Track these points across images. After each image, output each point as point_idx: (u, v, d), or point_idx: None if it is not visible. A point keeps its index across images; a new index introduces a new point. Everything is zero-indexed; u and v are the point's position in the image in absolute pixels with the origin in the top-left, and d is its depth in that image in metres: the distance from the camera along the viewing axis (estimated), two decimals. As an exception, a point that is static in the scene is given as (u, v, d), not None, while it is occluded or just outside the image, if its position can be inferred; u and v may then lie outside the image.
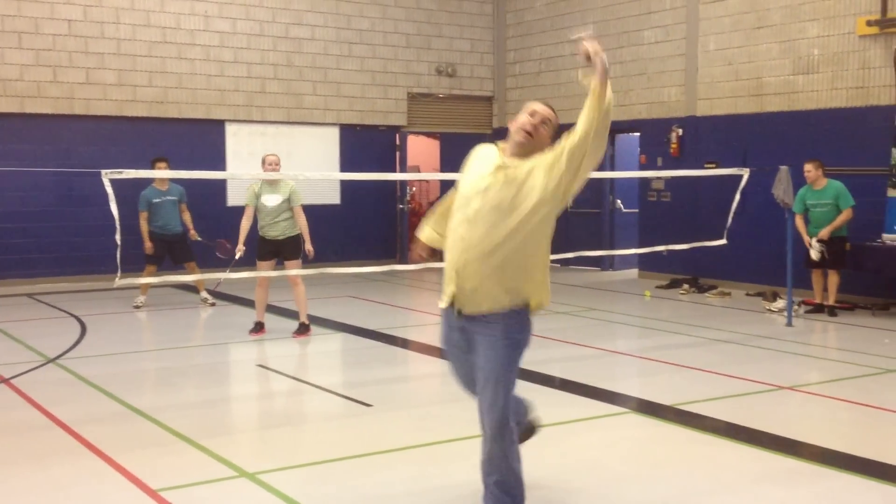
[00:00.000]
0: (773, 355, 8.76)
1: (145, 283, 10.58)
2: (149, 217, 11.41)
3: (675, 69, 14.06)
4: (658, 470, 5.41)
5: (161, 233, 11.42)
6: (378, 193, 16.16)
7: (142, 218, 11.37)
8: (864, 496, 5.01)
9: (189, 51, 14.51)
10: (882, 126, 11.43)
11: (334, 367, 9.03)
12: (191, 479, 5.18)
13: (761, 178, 11.06)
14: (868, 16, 11.52)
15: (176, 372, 8.31)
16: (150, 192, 11.43)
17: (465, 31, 17.02)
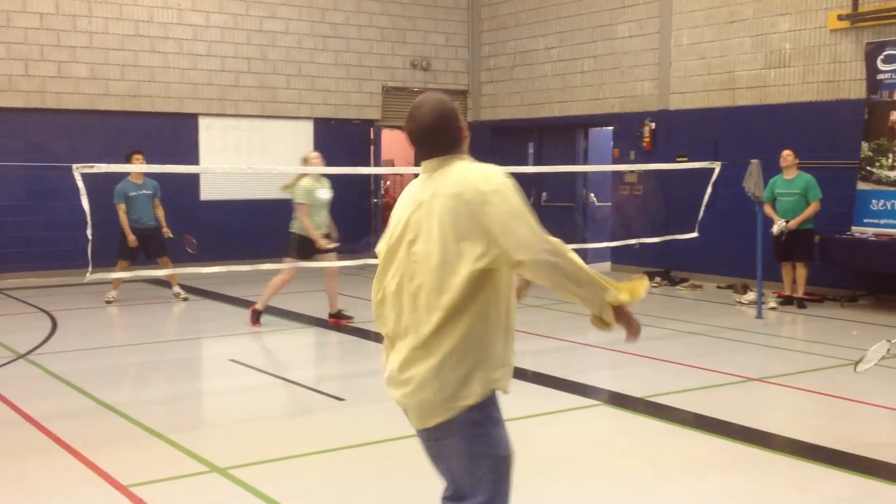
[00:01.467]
0: (743, 347, 8.85)
1: (117, 277, 10.52)
2: (125, 210, 11.33)
3: (649, 63, 14.13)
4: (628, 461, 5.46)
5: (135, 226, 11.34)
6: (352, 187, 16.11)
7: (120, 211, 11.26)
8: (832, 485, 5.08)
9: (162, 44, 14.41)
10: (852, 120, 11.54)
11: (307, 361, 9.02)
12: (162, 475, 5.17)
13: (732, 171, 11.14)
14: (839, 10, 11.63)
15: (148, 367, 8.28)
16: (126, 186, 11.35)
17: (439, 24, 17.01)
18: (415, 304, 2.98)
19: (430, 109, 3.04)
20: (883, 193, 11.17)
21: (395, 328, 3.08)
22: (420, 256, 2.96)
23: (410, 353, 3.00)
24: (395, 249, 3.06)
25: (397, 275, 3.04)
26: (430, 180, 3.02)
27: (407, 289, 3.00)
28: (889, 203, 11.11)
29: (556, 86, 15.56)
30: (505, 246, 2.87)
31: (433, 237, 2.93)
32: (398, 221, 3.07)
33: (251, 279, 12.91)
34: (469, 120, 17.32)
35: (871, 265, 10.91)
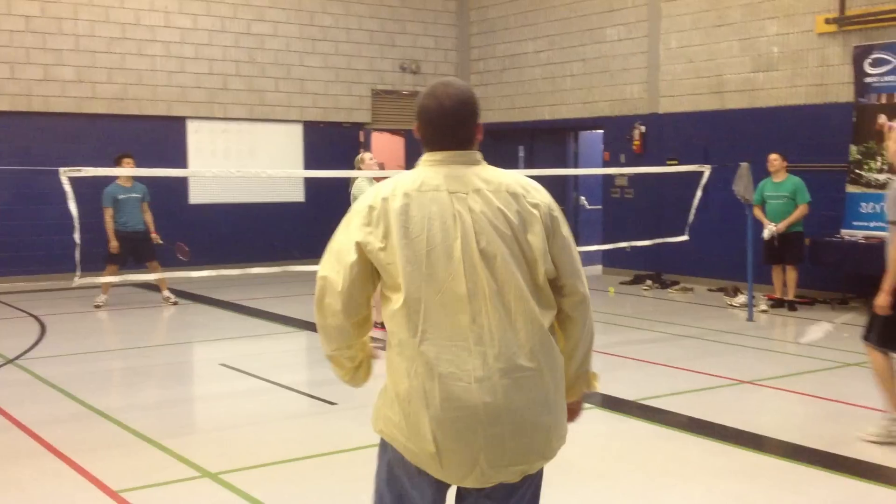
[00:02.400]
0: (735, 350, 8.86)
1: (106, 282, 10.45)
2: (113, 215, 11.26)
3: (638, 67, 14.15)
4: (621, 464, 5.45)
5: (124, 230, 11.27)
6: (343, 191, 15.93)
7: (107, 215, 11.21)
8: (825, 488, 5.08)
9: (149, 47, 14.34)
10: (840, 123, 11.58)
11: (298, 365, 8.98)
12: (153, 480, 5.13)
13: (722, 174, 11.16)
14: (826, 14, 11.67)
15: (138, 372, 8.23)
16: (115, 189, 11.28)
17: (428, 28, 17.00)
18: (520, 318, 2.58)
19: (459, 93, 2.71)
20: (872, 196, 11.20)
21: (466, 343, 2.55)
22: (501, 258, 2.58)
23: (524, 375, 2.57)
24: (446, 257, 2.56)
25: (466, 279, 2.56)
26: (462, 172, 2.65)
27: (494, 293, 2.56)
28: (878, 206, 11.11)
29: (547, 89, 15.57)
30: (562, 265, 2.66)
31: (505, 237, 2.59)
32: (431, 223, 2.57)
33: (241, 283, 12.87)
34: (458, 123, 17.28)
35: (860, 268, 10.92)
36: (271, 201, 15.42)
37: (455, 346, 2.53)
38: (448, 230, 2.56)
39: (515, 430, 2.55)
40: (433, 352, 2.54)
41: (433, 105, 2.70)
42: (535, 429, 2.59)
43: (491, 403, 2.52)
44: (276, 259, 13.56)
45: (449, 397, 2.52)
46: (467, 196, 2.60)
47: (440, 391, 2.52)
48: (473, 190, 2.62)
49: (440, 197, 2.60)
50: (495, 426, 2.53)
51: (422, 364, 2.54)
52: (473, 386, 2.52)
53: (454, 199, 2.59)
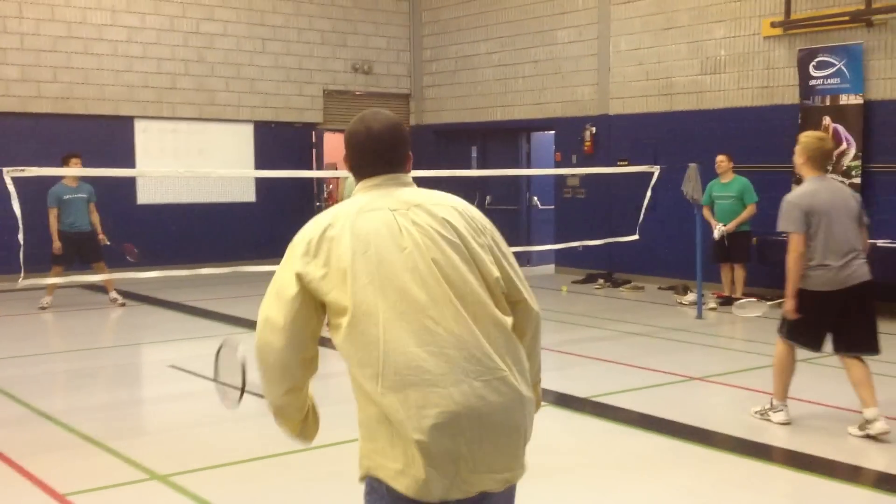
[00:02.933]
0: (684, 347, 8.97)
1: (51, 283, 10.27)
2: (58, 215, 11.06)
3: (588, 69, 14.27)
4: (574, 460, 5.49)
5: (70, 231, 11.06)
6: (294, 191, 15.99)
7: (51, 215, 10.99)
8: (772, 482, 5.17)
9: (96, 46, 14.12)
10: (786, 124, 11.78)
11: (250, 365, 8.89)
12: (100, 483, 5.06)
13: (671, 175, 11.30)
14: (772, 17, 11.88)
15: (84, 374, 8.09)
16: (61, 189, 11.08)
17: (380, 28, 16.97)
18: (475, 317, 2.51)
19: (388, 118, 2.70)
20: (816, 196, 11.42)
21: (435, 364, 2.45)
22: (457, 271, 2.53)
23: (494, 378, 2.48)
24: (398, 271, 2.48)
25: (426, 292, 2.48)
26: (395, 192, 2.62)
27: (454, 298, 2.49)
28: (822, 205, 11.36)
29: (499, 90, 15.63)
30: (511, 280, 2.63)
31: (455, 245, 2.55)
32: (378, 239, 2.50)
33: (190, 284, 12.72)
34: (412, 123, 17.32)
35: (805, 266, 11.12)
36: (221, 202, 15.26)
37: (423, 352, 2.43)
38: (397, 243, 2.50)
39: (496, 433, 2.47)
40: (402, 361, 2.42)
41: (362, 130, 2.67)
42: (513, 431, 2.51)
43: (471, 407, 2.42)
44: (225, 259, 13.43)
45: (426, 405, 2.39)
46: (408, 211, 2.56)
47: (415, 401, 2.39)
48: (414, 205, 2.58)
49: (383, 215, 2.55)
50: (475, 430, 2.43)
51: (390, 377, 2.42)
52: (451, 390, 2.41)
53: (396, 215, 2.55)
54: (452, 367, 2.42)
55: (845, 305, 5.84)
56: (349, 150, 2.70)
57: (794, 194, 6.00)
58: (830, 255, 5.78)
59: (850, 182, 11.09)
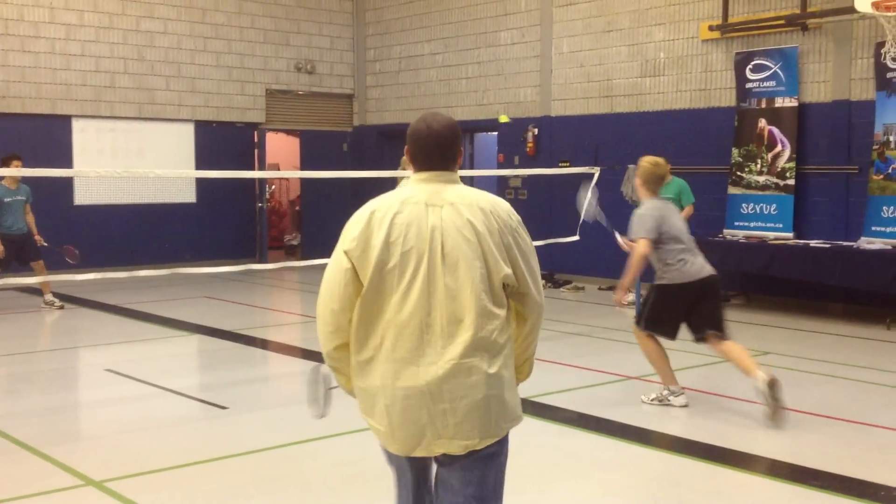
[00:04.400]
0: (623, 347, 9.09)
1: None
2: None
3: (531, 70, 14.38)
4: (511, 460, 5.52)
5: (9, 233, 10.79)
6: (236, 191, 15.86)
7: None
8: (705, 479, 5.27)
9: (33, 43, 13.86)
10: (723, 126, 12.02)
11: (188, 369, 8.82)
12: (34, 489, 4.98)
13: (611, 176, 11.44)
14: (710, 21, 12.09)
15: (18, 378, 7.94)
16: (1, 191, 10.83)
17: (324, 28, 16.90)
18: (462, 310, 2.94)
19: (446, 119, 3.12)
20: (752, 197, 11.67)
21: (421, 334, 2.93)
22: (462, 265, 2.95)
23: (471, 362, 2.93)
24: (416, 257, 2.94)
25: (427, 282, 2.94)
26: (441, 189, 3.04)
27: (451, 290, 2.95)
28: (758, 206, 11.61)
29: (442, 91, 15.67)
30: (523, 277, 3.05)
31: (470, 243, 2.96)
32: (414, 222, 2.96)
33: (128, 286, 12.55)
34: (355, 124, 17.29)
35: (742, 266, 11.36)
36: (161, 202, 15.08)
37: (411, 335, 2.91)
38: (422, 235, 2.94)
39: (458, 408, 2.91)
40: (391, 338, 2.93)
41: (424, 128, 3.09)
42: (477, 409, 2.93)
43: (435, 385, 2.90)
44: (164, 261, 13.28)
45: (400, 377, 2.91)
46: (441, 208, 2.99)
47: (393, 373, 2.92)
48: (448, 203, 3.00)
49: (419, 210, 2.98)
50: (438, 404, 2.90)
51: (382, 348, 2.94)
52: (421, 370, 2.90)
53: (430, 209, 2.98)
54: (433, 349, 2.92)
55: (697, 295, 6.73)
56: (411, 144, 3.12)
57: (646, 207, 6.84)
58: (687, 253, 6.74)
59: (785, 183, 11.36)
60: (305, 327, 10.65)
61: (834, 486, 5.07)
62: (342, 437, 5.98)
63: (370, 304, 2.96)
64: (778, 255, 10.72)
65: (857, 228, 10.75)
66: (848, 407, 6.77)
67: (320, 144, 16.81)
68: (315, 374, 3.41)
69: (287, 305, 12.85)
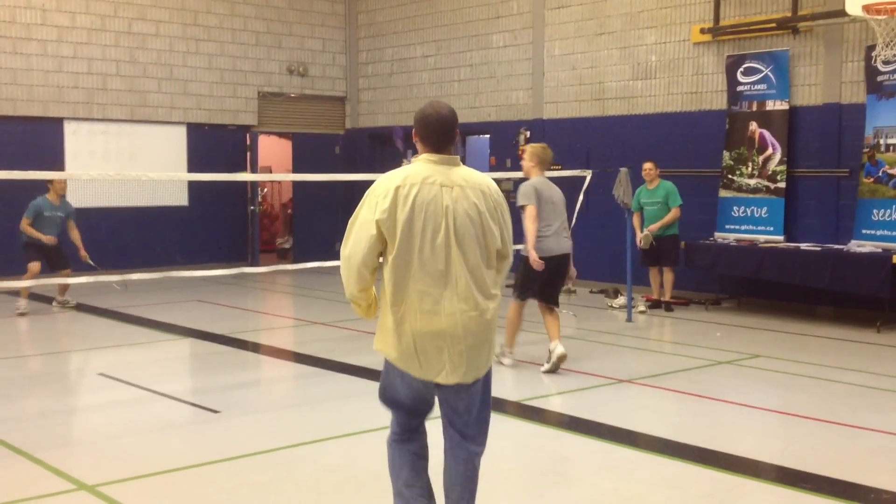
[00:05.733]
0: (614, 350, 9.12)
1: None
2: (31, 224, 11.23)
3: (523, 73, 14.41)
4: (503, 465, 5.55)
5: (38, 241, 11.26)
6: (228, 194, 15.85)
7: (24, 222, 11.25)
8: (696, 482, 5.30)
9: (25, 45, 13.83)
10: (714, 130, 12.06)
11: (180, 373, 8.81)
12: (26, 494, 4.97)
13: (602, 179, 11.47)
14: (702, 24, 12.13)
15: (10, 382, 7.92)
16: (44, 205, 11.35)
17: (316, 30, 16.90)
18: (472, 272, 3.79)
19: (449, 108, 3.90)
20: (743, 200, 11.71)
21: (441, 291, 3.75)
22: (469, 233, 3.79)
23: (475, 314, 3.79)
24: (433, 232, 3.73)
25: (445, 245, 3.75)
26: (450, 171, 3.83)
27: (461, 258, 3.78)
28: (749, 210, 11.65)
29: (434, 93, 15.68)
30: (504, 239, 3.95)
31: (474, 221, 3.81)
32: (432, 201, 3.73)
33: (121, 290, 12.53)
34: (347, 127, 17.30)
35: (733, 269, 11.40)
36: (153, 205, 15.06)
37: (433, 289, 3.74)
38: (438, 211, 3.73)
39: (471, 347, 3.80)
40: (418, 292, 3.74)
41: (433, 113, 3.86)
42: (483, 346, 3.84)
43: (455, 329, 3.76)
44: (157, 265, 13.26)
45: (427, 324, 3.74)
46: (452, 189, 3.78)
47: (421, 320, 3.74)
48: (458, 186, 3.80)
49: (436, 190, 3.76)
50: (457, 345, 3.77)
51: (410, 300, 3.74)
52: (443, 318, 3.75)
53: (444, 190, 3.77)
54: (449, 301, 3.76)
55: (555, 268, 7.96)
56: (421, 127, 3.86)
57: (528, 182, 8.07)
58: (548, 229, 7.88)
59: (776, 186, 11.41)
60: (298, 331, 10.65)
61: (824, 489, 5.10)
62: (334, 440, 5.99)
63: (399, 269, 3.73)
64: (768, 259, 10.76)
65: (847, 231, 10.80)
66: (838, 410, 6.80)
67: (312, 147, 16.81)
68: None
69: (279, 309, 12.85)
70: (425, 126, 3.84)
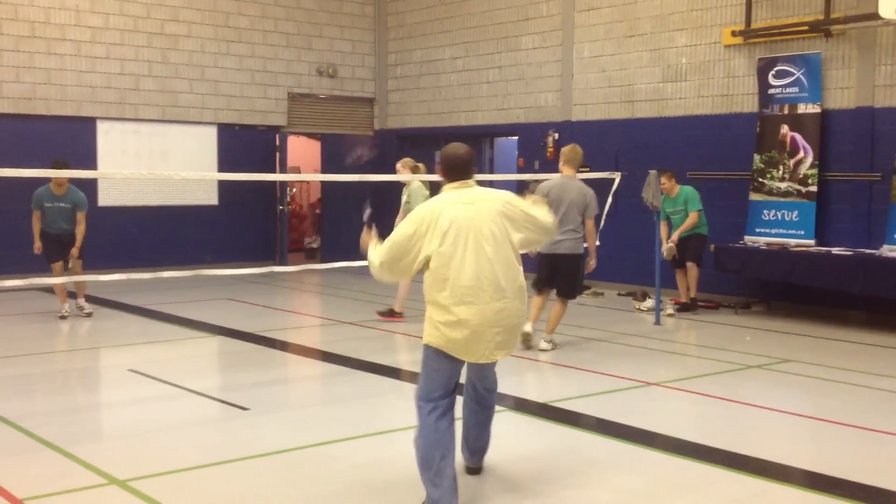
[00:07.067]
0: (642, 353, 9.08)
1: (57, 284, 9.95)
2: (41, 218, 10.57)
3: (552, 75, 14.39)
4: (530, 465, 5.55)
5: (48, 231, 10.58)
6: (257, 194, 15.96)
7: (34, 217, 10.56)
8: (725, 486, 5.27)
9: (59, 46, 14.00)
10: (745, 132, 11.98)
11: (210, 370, 8.89)
12: (59, 488, 5.04)
13: (631, 181, 11.44)
14: (733, 26, 12.06)
15: (42, 378, 8.03)
16: (45, 195, 10.54)
17: (345, 31, 16.98)
18: (506, 267, 4.69)
19: (466, 148, 4.92)
20: (774, 204, 11.62)
21: (480, 287, 4.61)
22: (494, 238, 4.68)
23: (509, 303, 4.69)
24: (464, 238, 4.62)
25: (474, 252, 4.61)
26: (465, 192, 4.77)
27: (492, 257, 4.65)
28: (779, 213, 11.57)
29: (462, 95, 15.71)
30: (530, 224, 4.86)
31: (495, 227, 4.70)
32: (455, 218, 4.63)
33: (151, 287, 12.66)
34: (376, 128, 17.35)
35: (763, 273, 11.33)
36: (184, 204, 15.19)
37: (474, 285, 4.60)
38: (466, 223, 4.63)
39: (505, 332, 4.72)
40: (461, 288, 4.59)
41: (455, 154, 4.88)
42: (515, 331, 4.81)
43: (493, 319, 4.64)
44: (187, 263, 13.37)
45: (472, 314, 4.60)
46: (472, 205, 4.71)
47: (465, 311, 4.59)
48: (479, 200, 4.75)
49: (463, 208, 4.69)
50: (493, 330, 4.66)
51: (456, 295, 4.58)
52: (485, 307, 4.62)
53: (468, 206, 4.70)
54: (485, 294, 4.61)
55: (553, 264, 8.75)
56: (446, 164, 4.87)
57: (546, 182, 8.81)
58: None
59: (807, 190, 11.31)
60: (325, 330, 10.70)
61: (855, 495, 5.05)
62: (362, 439, 6.02)
63: (439, 271, 4.60)
64: (799, 263, 10.68)
65: (879, 236, 10.69)
66: (870, 416, 6.74)
67: (341, 148, 16.88)
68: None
69: (307, 308, 12.91)
70: (450, 163, 4.87)
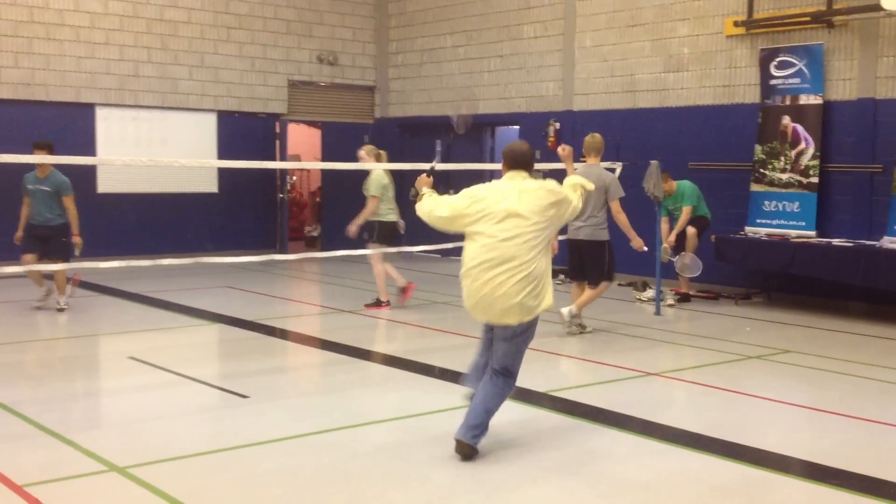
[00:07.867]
0: (643, 343, 9.09)
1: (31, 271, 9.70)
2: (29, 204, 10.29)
3: (553, 64, 14.34)
4: (530, 454, 5.55)
5: (34, 223, 10.27)
6: (257, 182, 15.93)
7: (24, 203, 10.34)
8: (725, 476, 5.26)
9: (58, 31, 13.95)
10: (746, 123, 11.96)
11: (210, 358, 8.88)
12: (58, 474, 5.03)
13: (633, 171, 11.40)
14: (735, 16, 12.02)
15: (42, 364, 8.02)
16: (29, 178, 10.27)
17: (346, 19, 16.92)
18: (528, 249, 5.34)
19: (527, 145, 5.69)
20: (775, 195, 11.61)
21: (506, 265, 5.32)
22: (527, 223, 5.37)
23: (524, 279, 5.31)
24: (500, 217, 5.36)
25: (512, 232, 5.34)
26: (514, 182, 5.49)
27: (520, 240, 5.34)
28: (780, 204, 11.55)
29: (464, 84, 15.66)
30: (563, 209, 5.56)
31: (533, 211, 5.40)
32: (502, 200, 5.38)
33: (151, 275, 12.65)
34: (377, 116, 17.31)
35: (763, 264, 11.32)
36: (183, 191, 15.16)
37: (488, 261, 5.32)
38: (506, 203, 5.37)
39: (506, 302, 5.32)
40: (476, 261, 5.37)
41: (515, 149, 5.63)
42: (511, 306, 5.33)
43: (499, 292, 5.31)
44: (187, 250, 13.35)
45: (483, 286, 5.34)
46: (518, 187, 5.44)
47: (479, 283, 5.35)
48: (520, 189, 5.44)
49: (506, 189, 5.46)
50: (498, 298, 5.32)
51: (475, 270, 5.37)
52: (495, 276, 5.31)
53: (512, 189, 5.44)
54: (498, 272, 5.30)
55: (578, 251, 9.24)
56: (508, 156, 5.60)
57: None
58: (580, 216, 8.71)
59: (808, 181, 11.29)
60: (325, 318, 10.70)
61: (854, 486, 5.05)
62: (362, 427, 6.01)
63: (473, 239, 5.38)
64: (800, 254, 10.66)
65: (880, 228, 10.68)
66: (869, 407, 6.74)
67: (342, 136, 16.84)
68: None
69: (307, 296, 12.90)
70: (510, 155, 5.60)
